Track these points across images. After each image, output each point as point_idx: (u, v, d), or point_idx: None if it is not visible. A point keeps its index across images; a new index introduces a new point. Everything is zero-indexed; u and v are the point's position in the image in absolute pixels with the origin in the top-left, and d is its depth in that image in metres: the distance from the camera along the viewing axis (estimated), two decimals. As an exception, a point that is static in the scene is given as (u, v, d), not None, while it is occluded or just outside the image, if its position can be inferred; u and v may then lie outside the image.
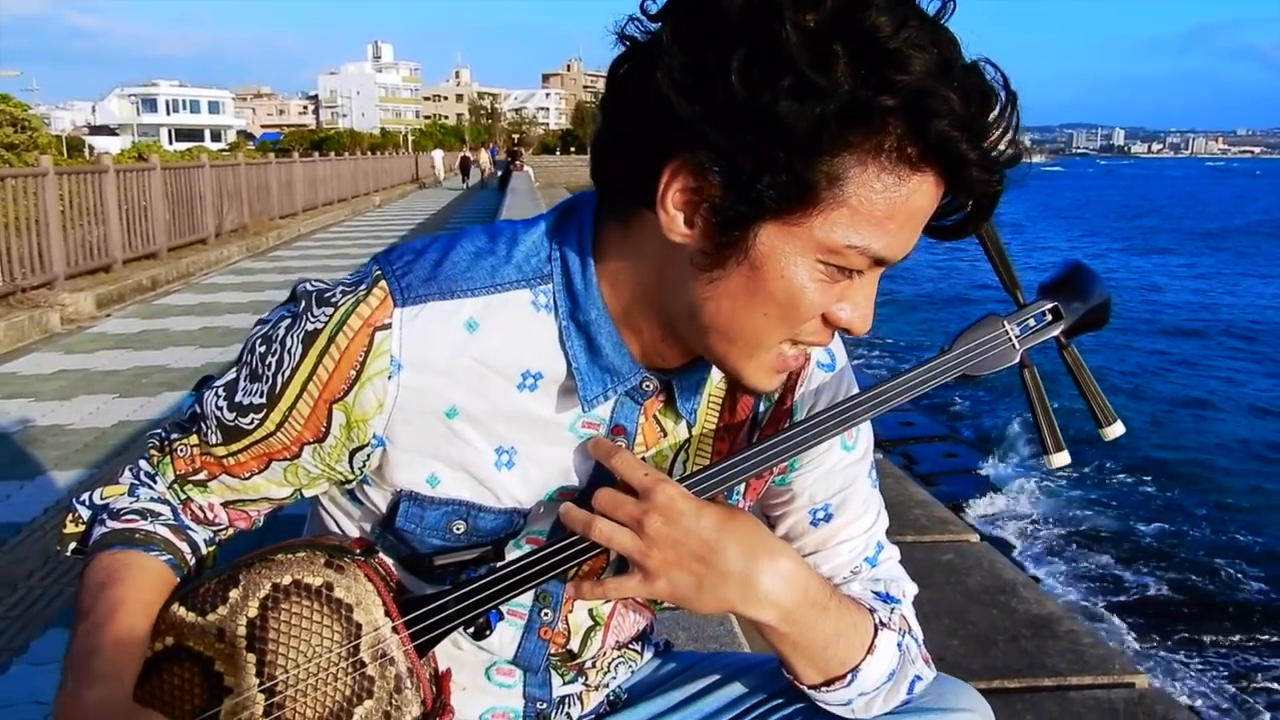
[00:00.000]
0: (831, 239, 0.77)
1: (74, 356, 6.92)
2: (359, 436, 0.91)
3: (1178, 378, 14.41)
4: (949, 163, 0.76)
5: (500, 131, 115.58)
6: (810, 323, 0.83)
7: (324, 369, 0.89)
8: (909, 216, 0.78)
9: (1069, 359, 0.94)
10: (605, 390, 0.92)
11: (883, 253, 0.79)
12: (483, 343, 0.90)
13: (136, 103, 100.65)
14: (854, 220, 0.76)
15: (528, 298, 0.91)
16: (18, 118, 19.18)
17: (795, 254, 0.78)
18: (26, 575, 3.22)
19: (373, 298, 0.89)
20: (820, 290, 0.80)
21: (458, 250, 0.92)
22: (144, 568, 0.92)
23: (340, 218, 21.25)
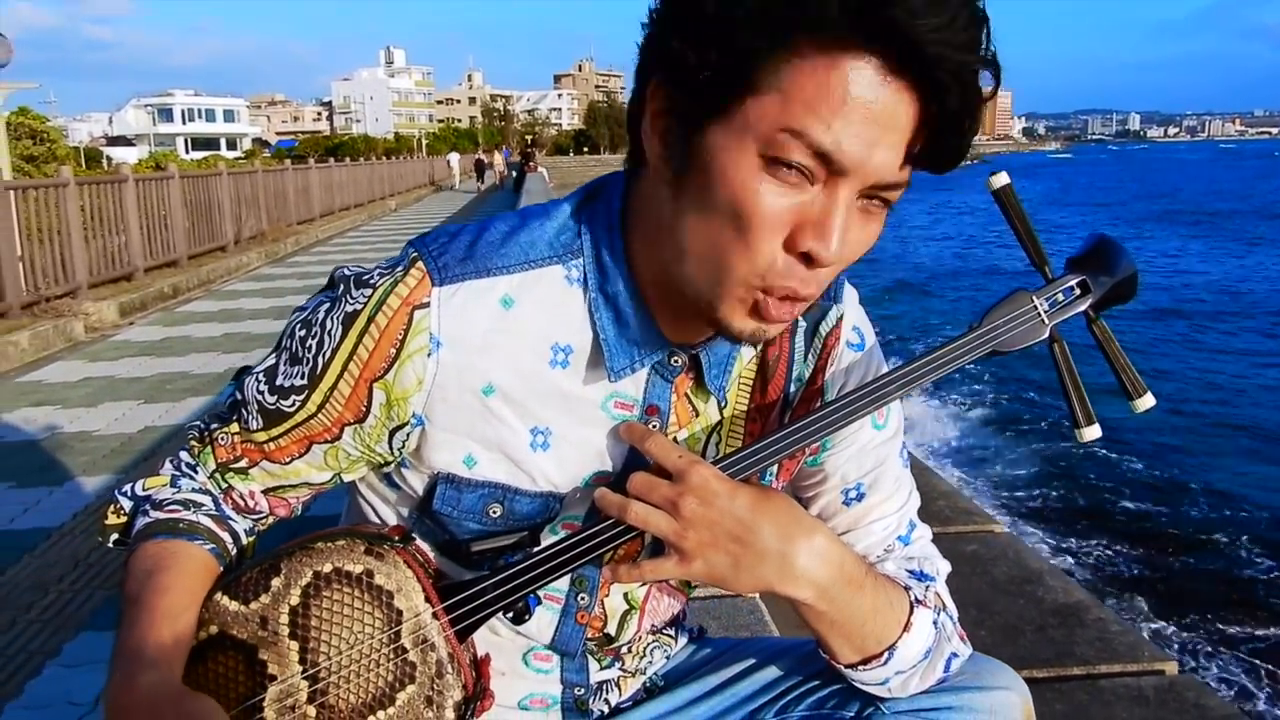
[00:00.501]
0: (765, 126, 0.74)
1: (98, 364, 6.98)
2: (399, 415, 0.92)
3: (1194, 358, 14.33)
4: (882, 35, 0.71)
5: (513, 133, 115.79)
6: (775, 253, 0.78)
7: (364, 348, 0.90)
8: (851, 106, 0.72)
9: (1098, 332, 0.94)
10: (633, 363, 0.93)
11: (825, 145, 0.73)
12: (517, 318, 0.91)
13: (153, 113, 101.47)
14: (786, 104, 0.73)
15: (560, 273, 0.93)
16: (37, 130, 19.39)
17: (737, 150, 0.76)
18: (57, 579, 3.26)
19: (410, 277, 0.90)
20: (769, 196, 0.76)
21: (492, 230, 0.94)
22: (189, 556, 0.93)
23: (357, 222, 21.35)
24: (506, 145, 77.69)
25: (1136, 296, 0.94)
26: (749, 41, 0.73)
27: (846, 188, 0.76)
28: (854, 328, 1.04)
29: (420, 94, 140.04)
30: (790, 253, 0.78)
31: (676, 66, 0.77)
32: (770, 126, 0.74)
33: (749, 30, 0.73)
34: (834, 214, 0.76)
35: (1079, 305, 0.93)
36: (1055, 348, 0.93)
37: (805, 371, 1.02)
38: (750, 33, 0.73)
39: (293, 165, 20.01)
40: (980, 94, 0.75)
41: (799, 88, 0.73)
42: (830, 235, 0.76)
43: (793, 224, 0.77)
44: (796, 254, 0.78)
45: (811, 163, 0.74)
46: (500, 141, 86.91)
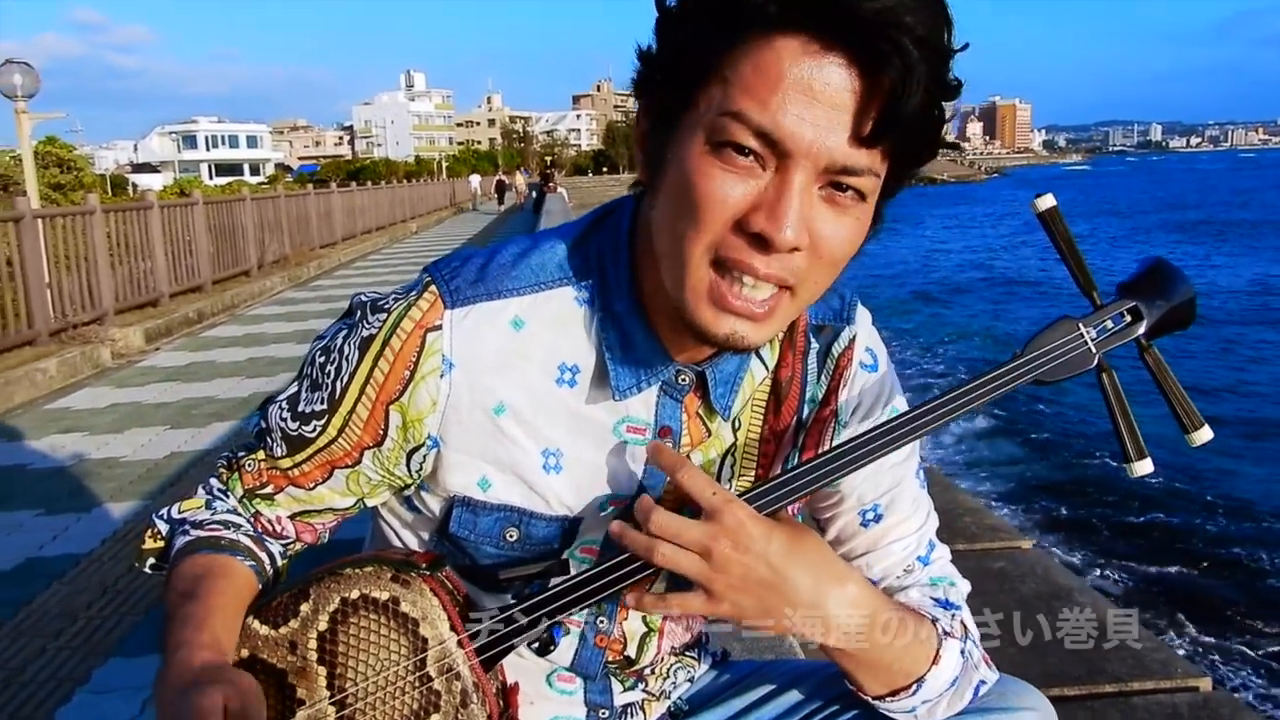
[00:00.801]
0: (710, 113, 0.77)
1: (125, 390, 7.04)
2: (415, 437, 0.93)
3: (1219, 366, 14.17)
4: (814, 14, 0.72)
5: (532, 154, 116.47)
6: (725, 232, 0.78)
7: (380, 371, 0.92)
8: (789, 86, 0.73)
9: (1150, 361, 0.92)
10: (639, 382, 0.93)
11: (764, 124, 0.74)
12: (527, 339, 0.93)
13: (177, 140, 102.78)
14: (727, 91, 0.76)
15: (570, 294, 0.94)
16: (64, 158, 19.69)
17: (689, 141, 0.78)
18: (86, 606, 3.27)
19: (423, 301, 0.92)
20: (718, 181, 0.76)
21: (504, 253, 0.96)
22: (234, 569, 0.95)
23: (379, 245, 21.50)
24: (526, 166, 78.16)
25: (1195, 322, 0.91)
26: (695, 40, 0.77)
27: (799, 171, 0.76)
28: (867, 349, 1.04)
29: (440, 117, 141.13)
30: (743, 234, 0.78)
31: (648, 75, 0.83)
32: (714, 112, 0.76)
33: (694, 31, 0.77)
34: (785, 196, 0.76)
35: (1130, 333, 0.91)
36: (1104, 378, 0.91)
37: (818, 393, 1.02)
38: (695, 33, 0.77)
39: (315, 190, 20.19)
40: (925, 65, 0.72)
41: (739, 73, 0.75)
42: (783, 217, 0.76)
43: (747, 207, 0.77)
44: (749, 235, 0.77)
45: (755, 143, 0.75)
46: (520, 163, 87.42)
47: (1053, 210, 0.90)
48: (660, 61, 0.81)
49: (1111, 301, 0.91)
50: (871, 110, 0.74)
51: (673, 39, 0.80)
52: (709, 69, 0.77)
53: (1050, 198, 0.90)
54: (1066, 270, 0.90)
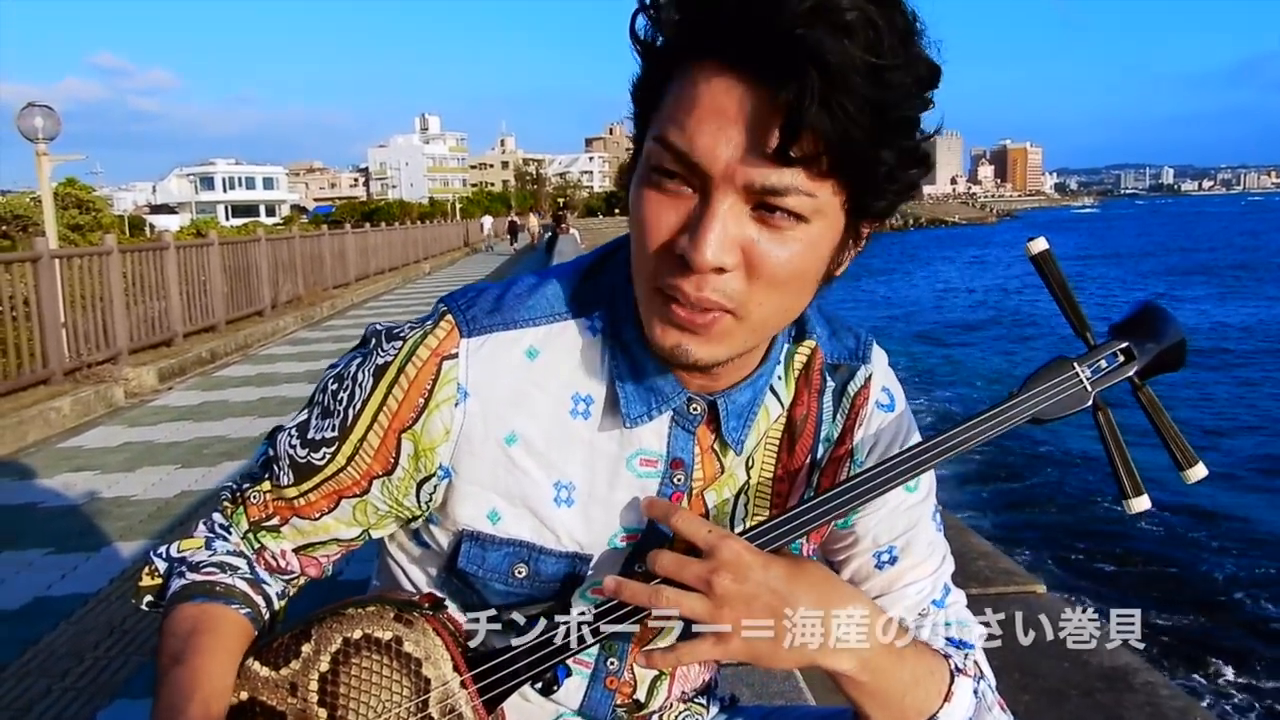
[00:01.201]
0: (647, 144, 0.80)
1: (138, 429, 7.07)
2: (426, 466, 0.93)
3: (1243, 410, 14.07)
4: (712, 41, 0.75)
5: (545, 196, 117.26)
6: (664, 258, 0.80)
7: (394, 398, 0.92)
8: (701, 106, 0.75)
9: (1144, 400, 0.92)
10: (650, 410, 0.93)
11: (680, 145, 0.76)
12: (541, 369, 0.93)
13: (195, 181, 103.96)
14: (659, 120, 0.79)
15: (583, 324, 0.95)
16: (83, 200, 19.90)
17: (640, 168, 0.82)
18: (93, 646, 3.27)
19: (440, 330, 0.93)
20: (654, 206, 0.79)
21: (519, 284, 0.97)
22: (226, 620, 0.93)
23: (392, 285, 21.64)
24: (539, 208, 78.67)
25: (1185, 364, 0.92)
26: (645, 79, 0.82)
27: (721, 192, 0.76)
28: (883, 388, 1.04)
29: (454, 159, 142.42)
30: (672, 257, 0.79)
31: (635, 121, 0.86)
32: (649, 143, 0.80)
33: (644, 71, 0.83)
34: (707, 216, 0.77)
35: (1124, 372, 0.91)
36: (1099, 416, 0.91)
37: (834, 432, 1.01)
38: (645, 73, 0.83)
39: (329, 230, 20.35)
40: (821, 80, 0.70)
41: (666, 102, 0.79)
42: (702, 237, 0.76)
43: (677, 231, 0.79)
44: (675, 258, 0.79)
45: (677, 167, 0.77)
46: (533, 204, 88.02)
47: (1045, 253, 0.90)
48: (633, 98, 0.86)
49: (1105, 342, 0.92)
50: (774, 127, 0.73)
51: (636, 81, 0.84)
52: (652, 106, 0.81)
53: (1043, 241, 0.91)
54: (1060, 311, 0.91)
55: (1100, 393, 0.90)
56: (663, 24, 0.79)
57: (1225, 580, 8.14)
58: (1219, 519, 9.52)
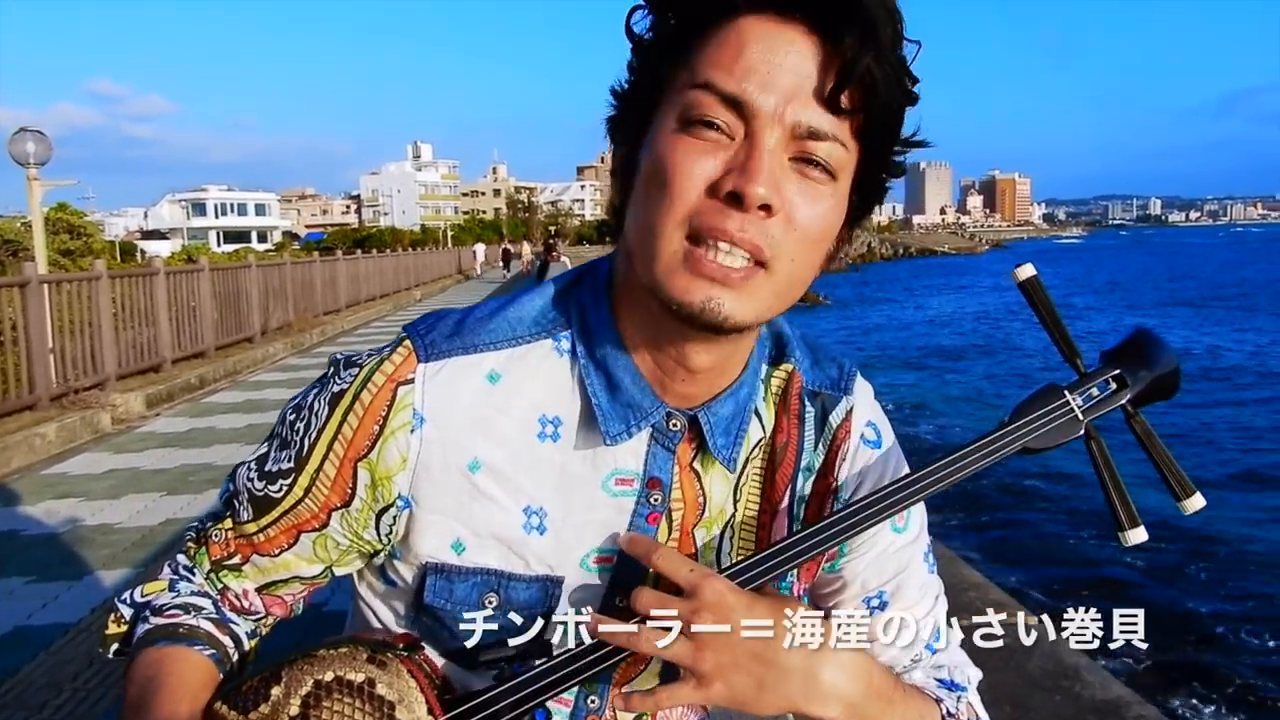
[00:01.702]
0: (678, 96, 0.80)
1: (123, 456, 7.02)
2: (384, 496, 0.91)
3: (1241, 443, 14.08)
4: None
5: (537, 224, 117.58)
6: (700, 201, 0.78)
7: (348, 426, 0.90)
8: (752, 55, 0.77)
9: (1138, 428, 0.90)
10: (629, 426, 0.90)
11: (731, 89, 0.77)
12: (503, 393, 0.90)
13: (187, 207, 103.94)
14: (693, 71, 0.79)
15: (549, 346, 0.92)
16: (74, 225, 19.88)
17: (660, 130, 0.81)
18: (72, 678, 3.21)
19: (397, 355, 0.91)
20: (691, 154, 0.78)
21: (481, 308, 0.95)
22: (190, 662, 0.91)
23: (383, 312, 21.61)
24: (531, 236, 78.86)
25: (1179, 391, 0.90)
26: (664, 42, 0.82)
27: (767, 133, 0.78)
28: (868, 423, 1.01)
29: (446, 187, 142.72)
30: (717, 198, 0.78)
31: (624, 101, 0.86)
32: (684, 91, 0.79)
33: (662, 36, 0.82)
34: (756, 154, 0.77)
35: (1116, 400, 0.89)
36: (1092, 445, 0.89)
37: (815, 461, 0.99)
38: (664, 37, 0.82)
39: (320, 257, 20.35)
40: (883, 35, 0.76)
41: (705, 53, 0.79)
42: (755, 173, 0.76)
43: (718, 175, 0.78)
44: (723, 198, 0.78)
45: (724, 112, 0.78)
46: (525, 232, 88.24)
47: (1033, 279, 0.89)
48: (634, 79, 0.85)
49: (1096, 369, 0.90)
50: (832, 71, 0.77)
51: (644, 54, 0.84)
52: (678, 61, 0.81)
53: (1030, 267, 0.89)
54: (1049, 338, 0.89)
55: (1092, 421, 0.88)
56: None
57: (1219, 613, 8.11)
58: (1213, 549, 9.50)
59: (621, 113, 0.87)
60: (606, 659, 0.86)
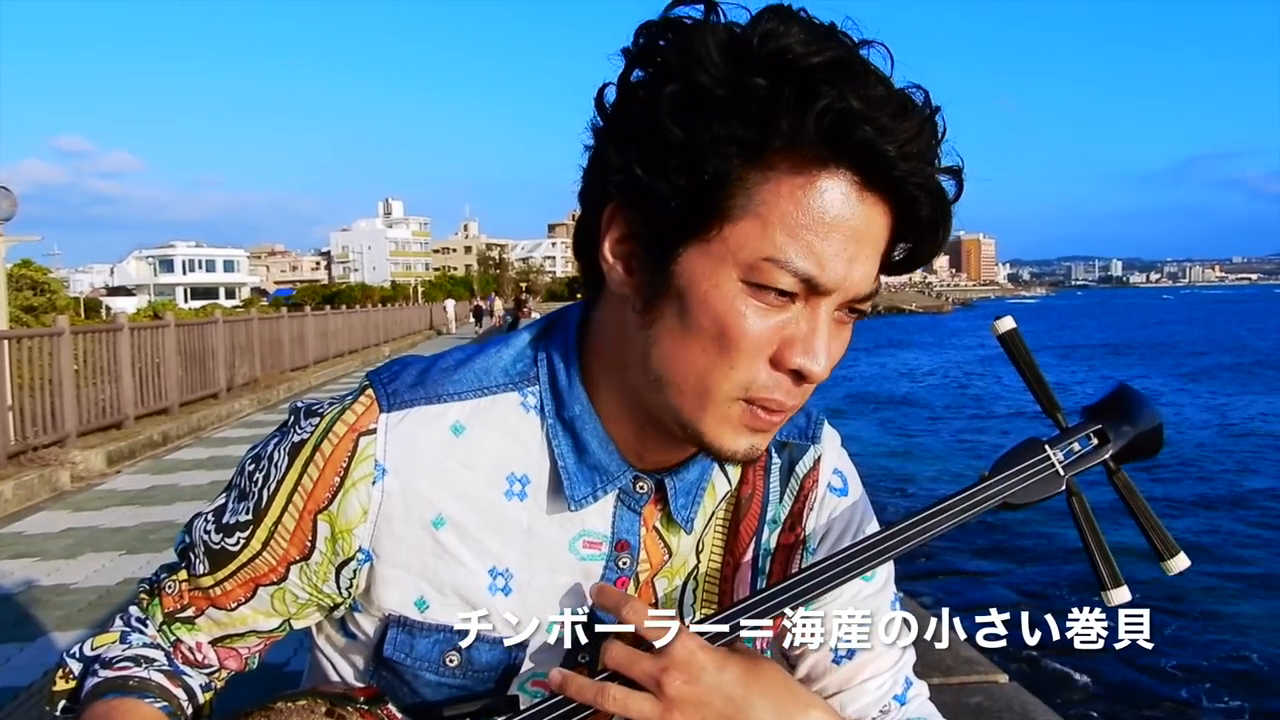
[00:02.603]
0: (746, 253, 0.74)
1: (82, 514, 6.87)
2: (344, 549, 0.88)
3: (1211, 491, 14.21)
4: (854, 154, 0.72)
5: (508, 280, 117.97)
6: (759, 369, 0.77)
7: (308, 478, 0.87)
8: (830, 227, 0.73)
9: (1120, 485, 0.89)
10: (594, 490, 0.88)
11: (808, 270, 0.73)
12: (468, 446, 0.88)
13: (154, 263, 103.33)
14: (766, 230, 0.73)
15: (516, 400, 0.90)
16: (38, 281, 19.69)
17: (715, 275, 0.75)
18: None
19: (359, 405, 0.89)
20: (753, 318, 0.75)
21: (447, 358, 0.93)
22: (139, 715, 0.87)
23: (350, 369, 21.47)
24: (501, 293, 79.08)
25: (1162, 449, 0.89)
26: (721, 168, 0.73)
27: (829, 303, 0.77)
28: (836, 471, 1.01)
29: (417, 243, 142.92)
30: (778, 369, 0.77)
31: (643, 196, 0.76)
32: (752, 254, 0.74)
33: (719, 156, 0.72)
34: (819, 331, 0.76)
35: (1098, 456, 0.88)
36: (1074, 501, 0.87)
37: (781, 513, 0.98)
38: (721, 159, 0.72)
39: (288, 313, 20.25)
40: (948, 199, 0.76)
41: (777, 212, 0.73)
42: (820, 353, 0.76)
43: (778, 342, 0.77)
44: (785, 371, 0.77)
45: (794, 288, 0.75)
46: (496, 289, 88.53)
47: (1012, 332, 0.89)
48: (661, 189, 0.75)
49: (1078, 424, 0.89)
50: (895, 244, 0.78)
51: (680, 167, 0.74)
52: (735, 202, 0.73)
53: (1010, 320, 0.89)
54: (1029, 391, 0.89)
55: (1074, 477, 0.88)
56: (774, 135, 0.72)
57: (1192, 673, 8.11)
58: (1194, 610, 9.51)
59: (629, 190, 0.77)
60: (570, 715, 0.83)
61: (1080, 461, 0.88)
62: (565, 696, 0.83)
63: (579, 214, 0.86)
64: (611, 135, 0.79)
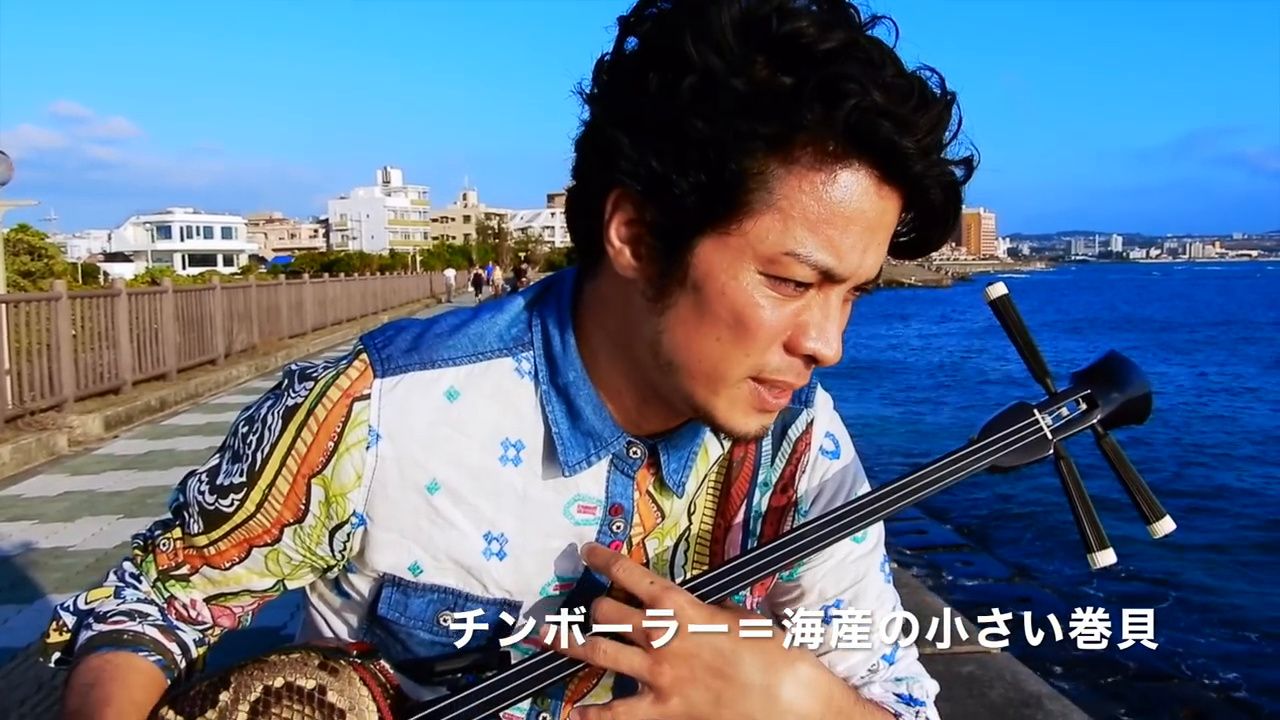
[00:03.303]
0: (766, 246, 0.74)
1: (80, 478, 6.89)
2: (338, 513, 0.88)
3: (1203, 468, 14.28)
4: (876, 150, 0.72)
5: (506, 250, 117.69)
6: (773, 354, 0.78)
7: (302, 442, 0.87)
8: (849, 220, 0.74)
9: (1108, 450, 0.89)
10: (588, 456, 0.89)
11: (827, 263, 0.74)
12: (463, 411, 0.88)
13: (151, 230, 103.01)
14: (787, 224, 0.73)
15: (510, 365, 0.90)
16: (35, 246, 19.61)
17: (734, 267, 0.75)
18: (19, 703, 3.13)
19: (353, 370, 0.89)
20: (770, 308, 0.76)
21: (441, 323, 0.93)
22: (133, 668, 0.88)
23: (349, 336, 21.46)
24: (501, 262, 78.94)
25: (1151, 417, 0.90)
26: (744, 164, 0.72)
27: (841, 289, 0.78)
28: (828, 434, 1.01)
29: (416, 212, 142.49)
30: (792, 354, 0.79)
31: (658, 188, 0.75)
32: (772, 248, 0.74)
33: (744, 153, 0.72)
34: (832, 317, 0.78)
35: (1086, 421, 0.88)
36: (1061, 465, 0.88)
37: (772, 476, 0.98)
38: (746, 155, 0.72)
39: (286, 280, 20.22)
40: (959, 189, 0.77)
41: (798, 206, 0.73)
42: (833, 339, 0.78)
43: (793, 328, 0.78)
44: (800, 355, 0.79)
45: (814, 278, 0.76)
46: (495, 259, 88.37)
47: (1004, 298, 0.89)
48: (679, 183, 0.74)
49: (1066, 389, 0.90)
50: (913, 234, 0.79)
51: (699, 162, 0.73)
52: (755, 196, 0.73)
53: (1001, 286, 0.89)
54: (1020, 357, 0.89)
55: (1062, 441, 0.88)
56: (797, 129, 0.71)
57: (1182, 645, 8.17)
58: (1181, 577, 9.58)
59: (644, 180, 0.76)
60: (561, 670, 0.84)
61: (1068, 426, 0.88)
62: (556, 652, 0.84)
63: (574, 186, 0.85)
64: (618, 119, 0.77)
